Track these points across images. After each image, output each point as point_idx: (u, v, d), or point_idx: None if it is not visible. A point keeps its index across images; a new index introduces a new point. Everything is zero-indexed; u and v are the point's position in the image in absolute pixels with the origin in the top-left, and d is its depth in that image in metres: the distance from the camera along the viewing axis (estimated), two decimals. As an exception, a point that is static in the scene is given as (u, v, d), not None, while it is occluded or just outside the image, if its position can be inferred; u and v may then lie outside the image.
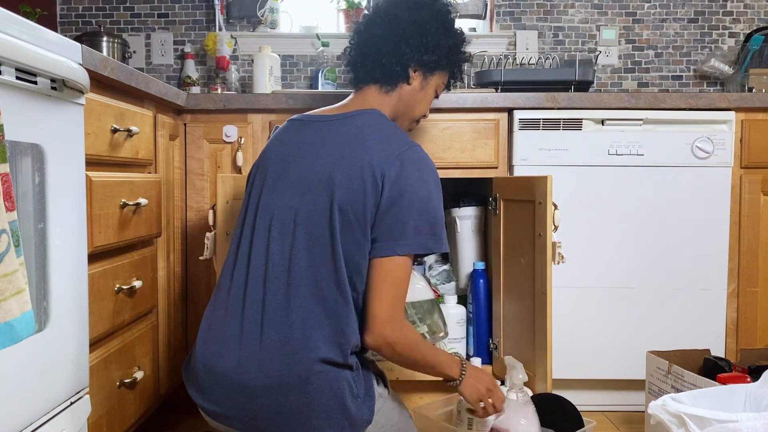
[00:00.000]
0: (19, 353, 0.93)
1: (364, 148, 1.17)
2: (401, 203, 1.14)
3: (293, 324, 1.09)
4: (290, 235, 1.15)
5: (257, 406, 1.09)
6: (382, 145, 1.18)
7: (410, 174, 1.16)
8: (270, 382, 1.08)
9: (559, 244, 1.51)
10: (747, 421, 1.04)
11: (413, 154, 1.19)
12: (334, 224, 1.13)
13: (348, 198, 1.14)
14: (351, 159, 1.16)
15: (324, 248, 1.13)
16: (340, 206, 1.13)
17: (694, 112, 1.78)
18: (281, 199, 1.18)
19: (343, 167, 1.16)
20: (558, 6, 2.44)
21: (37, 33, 0.97)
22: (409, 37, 1.30)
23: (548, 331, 1.50)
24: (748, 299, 1.80)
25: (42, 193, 0.99)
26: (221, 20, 2.39)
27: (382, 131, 1.22)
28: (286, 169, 1.21)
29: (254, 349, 1.09)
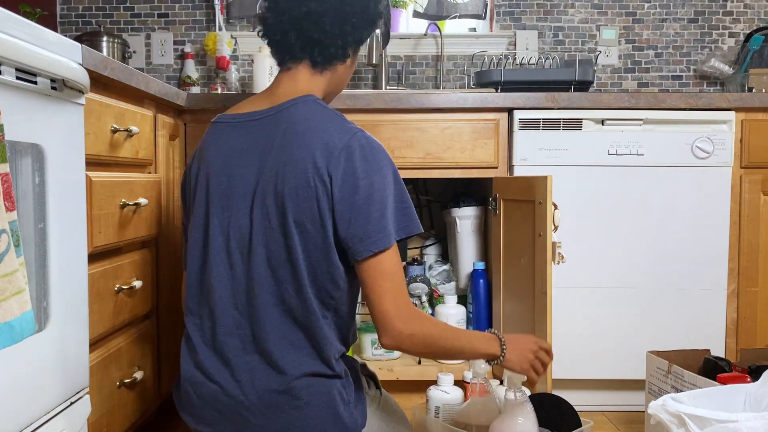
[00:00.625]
0: (19, 353, 0.93)
1: (305, 148, 1.09)
2: (358, 200, 1.07)
3: (272, 346, 1.08)
4: (248, 256, 1.10)
5: (251, 426, 1.08)
6: (323, 140, 1.09)
7: (358, 166, 1.08)
8: (261, 402, 1.07)
9: (559, 244, 1.51)
10: (747, 421, 1.04)
11: (355, 143, 1.09)
12: (291, 239, 1.07)
13: (301, 209, 1.07)
14: (294, 164, 1.08)
15: (285, 266, 1.09)
16: (294, 219, 1.07)
17: (694, 112, 1.78)
18: (234, 219, 1.12)
19: (288, 174, 1.08)
20: (558, 6, 2.44)
21: (37, 33, 0.97)
22: (352, 16, 1.18)
23: (548, 331, 1.50)
24: (748, 299, 1.80)
25: (42, 193, 0.99)
26: (221, 20, 2.39)
27: (320, 124, 1.12)
28: (230, 183, 1.13)
29: (243, 370, 1.09)
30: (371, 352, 1.86)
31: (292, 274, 1.08)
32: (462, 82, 2.44)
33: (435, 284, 2.01)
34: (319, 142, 1.09)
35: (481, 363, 1.35)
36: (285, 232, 1.08)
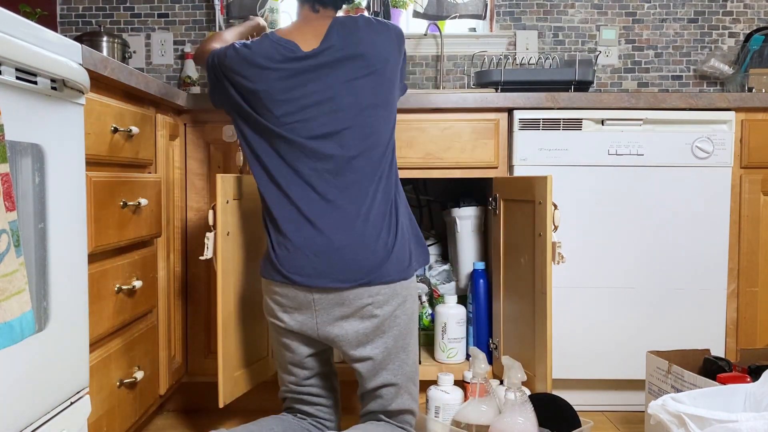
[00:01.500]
0: (19, 353, 0.93)
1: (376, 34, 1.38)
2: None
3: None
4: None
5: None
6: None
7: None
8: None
9: (559, 244, 1.51)
10: (747, 421, 1.04)
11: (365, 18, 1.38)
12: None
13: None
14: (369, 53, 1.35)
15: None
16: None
17: (694, 112, 1.78)
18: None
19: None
20: (558, 6, 2.44)
21: (37, 33, 0.97)
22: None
23: (548, 331, 1.50)
24: (748, 299, 1.80)
25: (42, 193, 0.99)
26: (221, 20, 2.39)
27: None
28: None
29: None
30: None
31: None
32: (462, 82, 2.44)
33: (435, 284, 2.01)
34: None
35: (482, 363, 1.36)
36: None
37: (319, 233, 1.29)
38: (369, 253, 1.29)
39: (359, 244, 1.28)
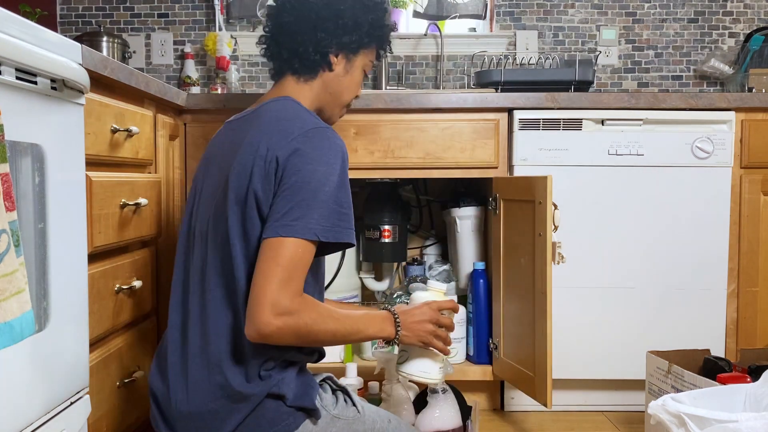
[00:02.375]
0: (19, 353, 0.93)
1: (261, 132, 1.10)
2: (291, 182, 1.04)
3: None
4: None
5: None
6: (282, 127, 1.10)
7: (307, 153, 1.06)
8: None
9: (559, 244, 1.51)
10: (747, 421, 1.04)
11: (314, 133, 1.09)
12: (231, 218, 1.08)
13: (237, 182, 1.07)
14: (247, 145, 1.09)
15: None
16: (234, 194, 1.07)
17: (694, 112, 1.78)
18: (203, 207, 1.15)
19: (239, 154, 1.09)
20: (558, 6, 2.44)
21: (37, 33, 0.97)
22: (324, 21, 1.21)
23: (548, 331, 1.50)
24: (748, 299, 1.80)
25: (42, 193, 0.99)
26: (221, 20, 2.39)
27: (284, 115, 1.14)
28: (207, 173, 1.19)
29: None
30: (371, 353, 1.86)
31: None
32: (462, 82, 2.44)
33: (435, 284, 2.01)
34: (276, 129, 1.10)
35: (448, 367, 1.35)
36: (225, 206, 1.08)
37: None
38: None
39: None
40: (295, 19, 1.22)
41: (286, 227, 1.01)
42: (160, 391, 1.12)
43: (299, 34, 1.21)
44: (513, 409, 1.85)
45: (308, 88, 1.25)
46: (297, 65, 1.23)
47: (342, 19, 1.22)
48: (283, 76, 1.26)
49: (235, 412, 1.05)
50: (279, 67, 1.26)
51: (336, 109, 1.32)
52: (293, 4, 1.23)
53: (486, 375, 1.80)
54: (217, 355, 1.06)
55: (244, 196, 1.06)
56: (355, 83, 1.31)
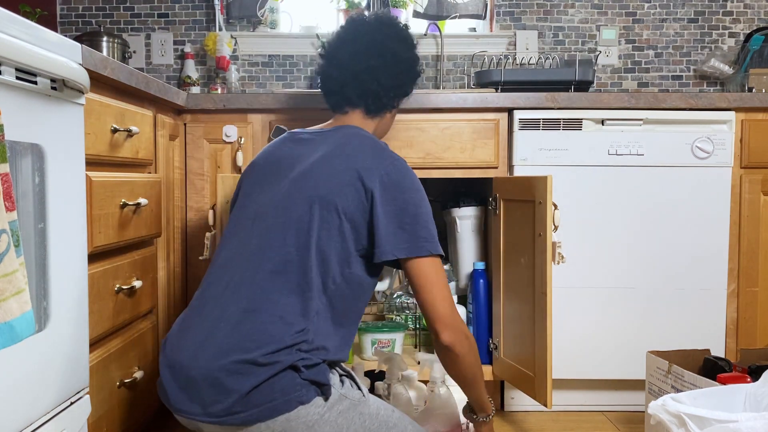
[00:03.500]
0: (19, 353, 0.93)
1: (353, 151, 1.22)
2: (406, 209, 1.17)
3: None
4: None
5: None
6: (370, 151, 1.22)
7: (402, 180, 1.19)
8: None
9: (559, 244, 1.51)
10: (747, 421, 1.04)
11: (402, 164, 1.22)
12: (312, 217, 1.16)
13: (330, 194, 1.16)
14: (340, 159, 1.20)
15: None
16: (322, 202, 1.16)
17: (694, 112, 1.78)
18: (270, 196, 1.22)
19: (331, 166, 1.20)
20: (558, 6, 2.44)
21: (37, 33, 0.97)
22: (404, 72, 1.38)
23: (548, 331, 1.50)
24: (748, 299, 1.80)
25: (42, 193, 0.99)
26: (221, 20, 2.39)
27: (370, 141, 1.26)
28: (278, 172, 1.25)
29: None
30: (371, 353, 1.86)
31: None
32: (462, 82, 2.44)
33: (435, 284, 2.01)
34: (367, 151, 1.22)
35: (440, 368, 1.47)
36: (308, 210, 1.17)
37: None
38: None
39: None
40: (382, 65, 1.34)
41: (426, 246, 1.17)
42: (177, 353, 1.11)
43: (385, 80, 1.34)
44: (513, 409, 1.85)
45: (372, 124, 1.38)
46: (372, 106, 1.35)
47: (414, 69, 1.42)
48: (350, 109, 1.36)
49: (253, 375, 1.05)
50: (347, 101, 1.36)
51: (382, 136, 1.47)
52: (380, 50, 1.34)
53: (486, 375, 1.80)
54: (261, 329, 1.08)
55: (338, 210, 1.16)
56: (392, 123, 1.49)
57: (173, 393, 1.09)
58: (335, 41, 1.39)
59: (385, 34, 1.37)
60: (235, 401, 1.04)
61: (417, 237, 1.17)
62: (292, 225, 1.15)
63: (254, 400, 1.04)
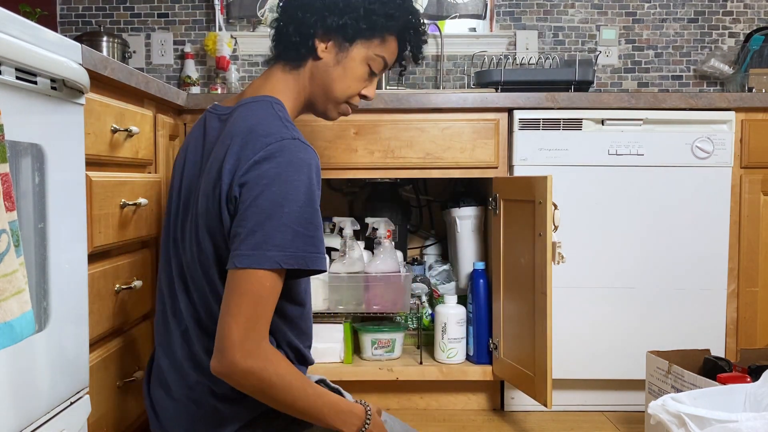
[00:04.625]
0: (19, 353, 0.93)
1: (229, 147, 1.01)
2: (248, 207, 0.95)
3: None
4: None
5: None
6: (246, 141, 1.00)
7: (266, 171, 0.96)
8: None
9: (559, 244, 1.51)
10: (747, 421, 1.04)
11: (277, 150, 0.97)
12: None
13: (204, 211, 1.02)
14: (214, 162, 1.03)
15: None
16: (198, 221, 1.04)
17: (694, 112, 1.78)
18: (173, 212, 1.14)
19: (206, 173, 1.04)
20: (558, 6, 2.44)
21: (37, 33, 0.97)
22: (313, 1, 1.11)
23: (548, 331, 1.50)
24: (748, 299, 1.80)
25: (42, 193, 0.99)
26: (221, 20, 2.39)
27: (251, 126, 1.02)
28: (179, 176, 1.15)
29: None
30: (371, 353, 1.86)
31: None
32: (462, 82, 2.44)
33: (435, 284, 2.01)
34: (242, 143, 1.00)
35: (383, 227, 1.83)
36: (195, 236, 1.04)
37: None
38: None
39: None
40: (288, 4, 1.14)
41: (244, 257, 0.92)
42: (156, 398, 1.12)
43: (286, 14, 1.13)
44: (513, 409, 1.85)
45: (293, 79, 1.14)
46: (283, 50, 1.14)
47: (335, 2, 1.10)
48: (274, 63, 1.17)
49: (235, 413, 1.04)
50: (272, 52, 1.17)
51: (329, 105, 1.19)
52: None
53: (486, 375, 1.80)
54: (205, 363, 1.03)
55: (212, 219, 1.00)
56: (350, 77, 1.15)
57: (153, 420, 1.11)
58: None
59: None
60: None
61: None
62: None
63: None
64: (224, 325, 0.92)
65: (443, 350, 1.84)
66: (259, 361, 0.92)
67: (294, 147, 0.98)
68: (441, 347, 1.84)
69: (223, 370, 0.93)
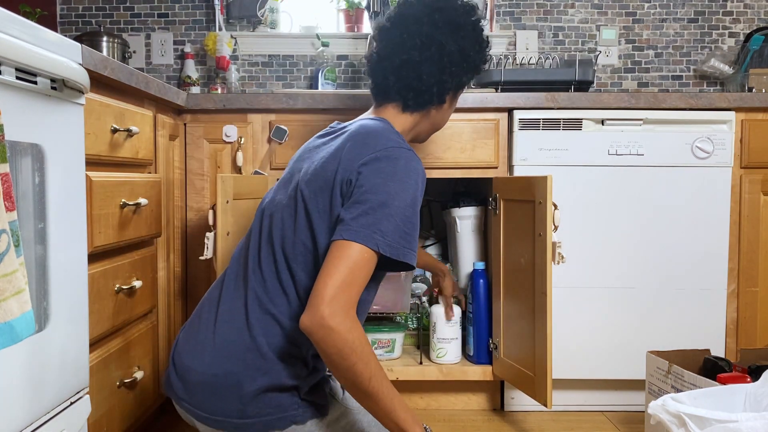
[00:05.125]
0: (19, 353, 0.93)
1: (345, 141, 1.12)
2: (366, 192, 1.05)
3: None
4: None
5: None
6: (366, 141, 1.11)
7: (383, 168, 1.07)
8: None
9: (559, 244, 1.51)
10: (747, 421, 1.04)
11: (395, 152, 1.09)
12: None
13: (309, 189, 1.10)
14: (334, 152, 1.12)
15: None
16: (314, 201, 1.09)
17: (694, 112, 1.78)
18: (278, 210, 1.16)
19: (325, 160, 1.12)
20: (558, 6, 2.44)
21: (37, 33, 0.97)
22: (452, 66, 1.23)
23: (548, 331, 1.50)
24: (748, 299, 1.80)
25: (42, 193, 0.99)
26: (221, 20, 2.39)
27: (371, 131, 1.14)
28: (289, 174, 1.22)
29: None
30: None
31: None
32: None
33: (435, 284, 2.01)
34: (362, 142, 1.11)
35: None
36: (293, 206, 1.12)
37: None
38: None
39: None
40: (424, 58, 1.21)
41: (353, 232, 1.02)
42: (183, 354, 1.11)
43: (427, 75, 1.22)
44: (513, 409, 1.85)
45: (407, 119, 1.27)
46: (411, 102, 1.24)
47: (467, 62, 1.25)
48: (387, 102, 1.26)
49: (254, 380, 1.04)
50: (384, 95, 1.26)
51: (429, 134, 1.36)
52: (424, 41, 1.21)
53: (486, 375, 1.80)
54: (258, 326, 1.06)
55: (324, 203, 1.08)
56: (451, 110, 1.35)
57: (176, 383, 1.10)
58: (384, 24, 1.26)
59: (434, 21, 1.21)
60: (232, 408, 1.04)
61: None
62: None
63: (249, 410, 1.04)
64: (319, 283, 0.99)
65: (433, 349, 1.84)
66: (346, 321, 0.97)
67: (409, 156, 1.11)
68: (432, 346, 1.85)
69: (311, 323, 0.96)
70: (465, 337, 1.88)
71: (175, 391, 1.10)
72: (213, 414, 1.05)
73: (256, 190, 1.63)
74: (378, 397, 1.00)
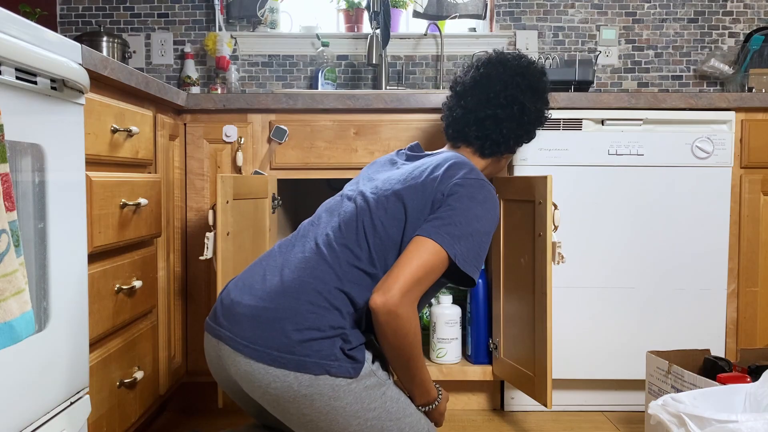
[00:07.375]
0: (19, 353, 0.93)
1: (442, 161, 1.28)
2: (455, 208, 1.20)
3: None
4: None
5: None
6: (459, 163, 1.28)
7: (471, 192, 1.22)
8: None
9: (559, 244, 1.51)
10: (747, 421, 1.04)
11: (482, 182, 1.26)
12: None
13: (408, 190, 1.23)
14: (431, 167, 1.27)
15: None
16: (401, 195, 1.23)
17: (694, 112, 1.78)
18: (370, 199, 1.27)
19: (415, 169, 1.28)
20: (558, 6, 2.44)
21: (37, 33, 0.97)
22: (529, 124, 1.43)
23: (548, 331, 1.50)
24: (748, 299, 1.80)
25: (42, 193, 0.99)
26: (221, 20, 2.39)
27: (463, 161, 1.30)
28: (376, 174, 1.36)
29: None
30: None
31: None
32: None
33: (435, 284, 2.01)
34: (455, 164, 1.27)
35: None
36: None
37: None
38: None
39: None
40: (507, 116, 1.40)
41: (439, 234, 1.16)
42: (234, 292, 1.17)
43: (506, 129, 1.40)
44: (513, 409, 1.86)
45: (481, 162, 1.45)
46: (487, 150, 1.42)
47: (540, 120, 1.46)
48: (463, 145, 1.44)
49: (305, 319, 1.10)
50: (464, 139, 1.43)
51: (491, 178, 1.55)
52: (509, 101, 1.39)
53: (486, 375, 1.80)
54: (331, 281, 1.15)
55: (421, 205, 1.22)
56: (508, 162, 1.54)
57: (221, 317, 1.15)
58: (468, 80, 1.44)
59: (518, 84, 1.40)
60: (276, 341, 1.08)
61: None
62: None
63: (292, 346, 1.08)
64: (400, 271, 1.12)
65: (433, 349, 1.84)
66: (410, 311, 1.13)
67: (492, 188, 1.28)
68: (432, 346, 1.85)
69: (383, 305, 1.09)
70: (465, 337, 1.88)
71: (218, 320, 1.15)
72: (253, 343, 1.09)
73: (256, 190, 1.63)
74: (416, 371, 1.21)
